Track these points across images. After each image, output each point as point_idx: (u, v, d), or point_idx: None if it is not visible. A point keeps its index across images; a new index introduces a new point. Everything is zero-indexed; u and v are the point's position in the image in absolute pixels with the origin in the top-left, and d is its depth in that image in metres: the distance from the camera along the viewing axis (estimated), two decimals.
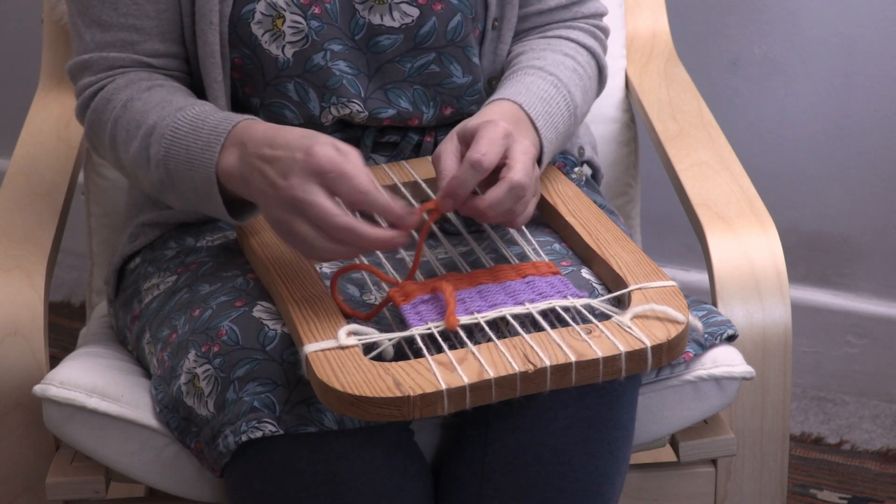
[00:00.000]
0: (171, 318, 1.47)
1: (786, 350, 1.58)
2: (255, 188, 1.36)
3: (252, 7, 1.52)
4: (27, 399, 1.51)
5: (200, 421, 1.39)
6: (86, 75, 1.55)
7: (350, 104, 1.55)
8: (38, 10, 2.01)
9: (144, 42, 1.54)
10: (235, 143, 1.39)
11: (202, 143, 1.41)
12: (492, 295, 1.36)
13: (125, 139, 1.49)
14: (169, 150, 1.44)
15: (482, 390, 1.26)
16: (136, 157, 1.48)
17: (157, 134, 1.45)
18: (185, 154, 1.42)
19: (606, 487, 1.40)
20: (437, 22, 1.55)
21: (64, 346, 2.48)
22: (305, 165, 1.32)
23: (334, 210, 1.31)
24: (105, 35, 1.53)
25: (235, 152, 1.39)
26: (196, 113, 1.44)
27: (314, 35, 1.52)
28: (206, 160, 1.41)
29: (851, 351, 2.48)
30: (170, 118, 1.45)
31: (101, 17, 1.53)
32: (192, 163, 1.42)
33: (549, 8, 1.64)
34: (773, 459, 1.60)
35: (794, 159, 2.42)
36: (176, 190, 1.45)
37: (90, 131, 1.55)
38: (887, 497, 2.23)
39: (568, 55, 1.60)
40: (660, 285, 1.37)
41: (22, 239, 1.64)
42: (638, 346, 1.29)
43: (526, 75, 1.55)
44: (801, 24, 2.34)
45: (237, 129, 1.41)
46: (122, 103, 1.50)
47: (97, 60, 1.54)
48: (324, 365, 1.28)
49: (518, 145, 1.39)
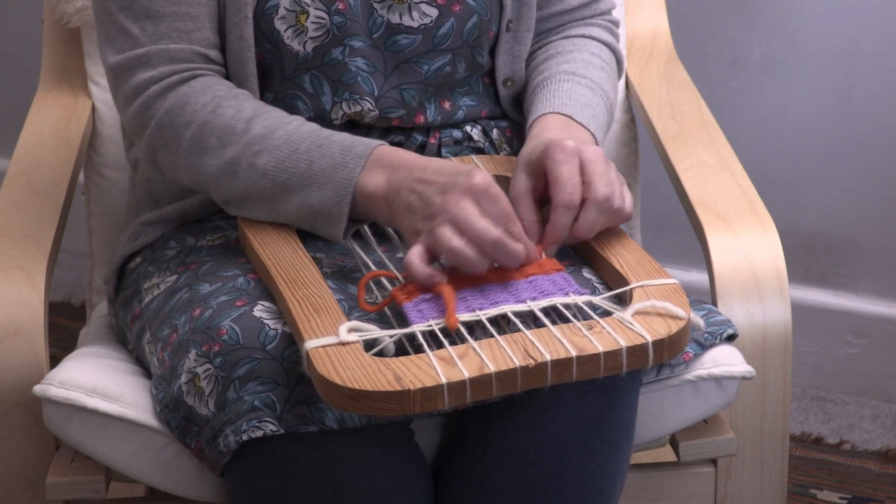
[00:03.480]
0: (171, 317, 1.47)
1: (786, 350, 1.58)
2: (403, 205, 1.40)
3: (276, 2, 1.52)
4: (27, 399, 1.50)
5: (201, 420, 1.39)
6: (143, 70, 1.50)
7: (362, 101, 1.55)
8: (38, 10, 2.01)
9: (199, 30, 1.51)
10: (382, 166, 1.43)
11: (331, 160, 1.43)
12: (494, 293, 1.36)
13: (216, 145, 1.47)
14: (283, 162, 1.44)
15: (483, 385, 1.26)
16: (228, 165, 1.46)
17: (270, 144, 1.45)
18: (307, 168, 1.44)
19: (607, 487, 1.40)
20: (455, 23, 1.55)
21: (64, 346, 2.48)
22: (466, 185, 1.37)
23: (488, 224, 1.35)
24: (158, 26, 1.50)
25: (384, 174, 1.42)
26: (311, 128, 1.46)
27: (336, 30, 1.52)
28: (343, 178, 1.43)
29: (851, 351, 2.48)
30: (281, 129, 1.45)
31: (152, 8, 1.50)
32: (317, 178, 1.43)
33: (570, 7, 1.67)
34: (773, 459, 1.60)
35: (794, 159, 2.42)
36: (280, 202, 1.45)
37: (158, 132, 1.50)
38: (887, 497, 2.23)
39: (594, 54, 1.64)
40: (661, 283, 1.38)
41: (22, 239, 1.64)
42: (639, 342, 1.30)
43: (562, 83, 1.58)
44: (801, 24, 2.35)
45: (379, 151, 1.44)
46: (211, 108, 1.48)
47: (155, 53, 1.50)
48: (324, 360, 1.28)
49: (586, 154, 1.43)
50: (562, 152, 1.43)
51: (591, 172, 1.42)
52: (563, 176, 1.42)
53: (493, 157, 1.60)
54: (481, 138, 1.62)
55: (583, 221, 1.42)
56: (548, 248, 1.43)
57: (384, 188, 1.42)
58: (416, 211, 1.39)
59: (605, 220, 1.43)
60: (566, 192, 1.41)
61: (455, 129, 1.61)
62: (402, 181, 1.41)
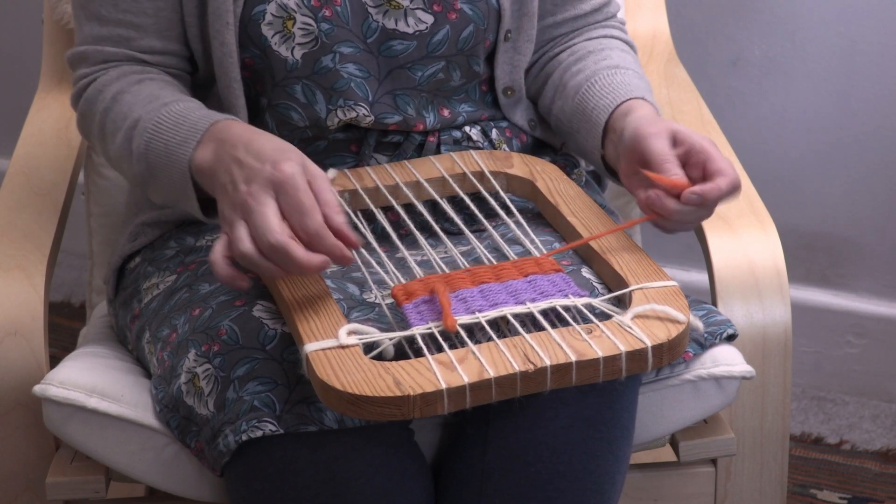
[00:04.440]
0: (170, 317, 1.47)
1: (786, 350, 1.58)
2: (219, 184, 1.37)
3: (263, 8, 1.52)
4: (27, 399, 1.50)
5: (200, 420, 1.39)
6: (82, 66, 1.57)
7: (357, 107, 1.54)
8: (38, 10, 2.01)
9: (140, 39, 1.55)
10: (212, 139, 1.41)
11: (180, 138, 1.43)
12: (493, 294, 1.36)
13: (112, 131, 1.50)
14: (149, 143, 1.45)
15: (482, 390, 1.26)
16: (120, 149, 1.49)
17: (140, 127, 1.46)
18: (164, 148, 1.44)
19: (607, 487, 1.40)
20: (450, 31, 1.55)
21: (64, 346, 2.48)
22: (269, 176, 1.33)
23: (273, 226, 1.30)
24: (102, 29, 1.55)
25: (211, 147, 1.40)
26: (180, 109, 1.45)
27: (324, 37, 1.52)
28: (182, 154, 1.42)
29: (851, 351, 2.48)
30: (154, 112, 1.46)
31: (100, 12, 1.55)
32: (170, 157, 1.43)
33: (584, 13, 1.66)
34: (773, 459, 1.60)
35: (794, 159, 2.42)
36: (156, 184, 1.46)
37: (82, 121, 1.57)
38: (887, 497, 2.23)
39: (624, 51, 1.65)
40: (661, 285, 1.37)
41: (22, 239, 1.64)
42: (638, 346, 1.29)
43: (615, 76, 1.57)
44: (801, 24, 2.34)
45: (216, 126, 1.42)
46: (113, 95, 1.51)
47: (92, 53, 1.56)
48: (324, 364, 1.28)
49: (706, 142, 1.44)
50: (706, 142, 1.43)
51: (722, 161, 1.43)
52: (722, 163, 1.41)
53: (493, 152, 1.59)
54: (480, 138, 1.62)
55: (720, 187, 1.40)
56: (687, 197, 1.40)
57: (210, 162, 1.40)
58: (226, 195, 1.36)
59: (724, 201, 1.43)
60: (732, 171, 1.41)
61: (455, 130, 1.61)
62: (223, 158, 1.38)
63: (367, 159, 1.58)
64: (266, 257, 1.31)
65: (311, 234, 1.31)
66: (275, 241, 1.30)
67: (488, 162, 1.57)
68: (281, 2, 1.52)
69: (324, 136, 1.57)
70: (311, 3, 1.52)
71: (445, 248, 1.50)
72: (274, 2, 1.52)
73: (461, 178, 1.56)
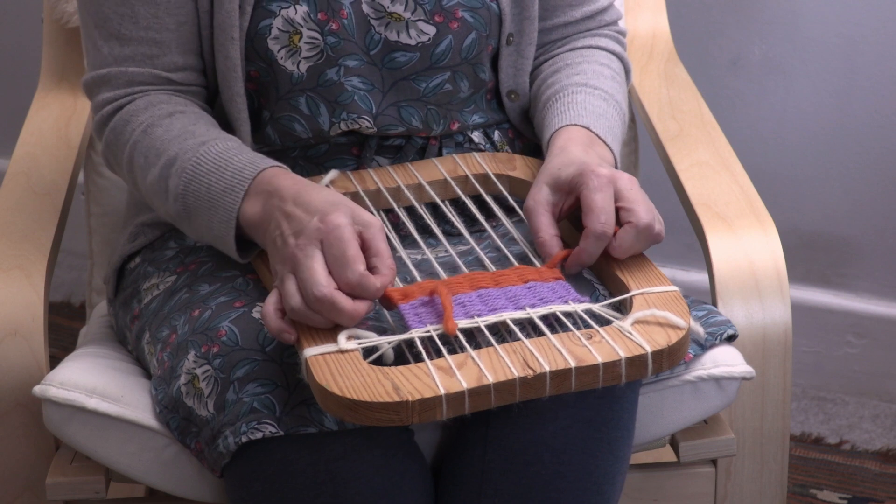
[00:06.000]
0: (170, 318, 1.47)
1: (786, 350, 1.58)
2: (269, 238, 1.37)
3: (269, 23, 1.51)
4: (27, 399, 1.50)
5: (200, 421, 1.39)
6: (104, 90, 1.54)
7: (360, 120, 1.54)
8: (38, 10, 2.01)
9: (164, 55, 1.53)
10: (260, 192, 1.40)
11: (224, 185, 1.42)
12: (493, 299, 1.36)
13: (143, 165, 1.48)
14: (189, 185, 1.43)
15: (481, 395, 1.26)
16: (153, 186, 1.47)
17: (178, 167, 1.44)
18: (206, 193, 1.42)
19: (607, 487, 1.40)
20: (453, 40, 1.55)
21: (64, 346, 2.48)
22: (317, 228, 1.32)
23: (319, 279, 1.30)
24: (124, 49, 1.52)
25: (260, 201, 1.39)
26: (219, 150, 1.44)
27: (329, 50, 1.52)
28: (228, 204, 1.41)
29: (851, 351, 2.48)
30: (192, 152, 1.44)
31: (121, 31, 1.52)
32: (213, 202, 1.42)
33: (574, 20, 1.65)
34: (773, 459, 1.60)
35: (794, 159, 2.42)
36: (191, 223, 1.45)
37: (107, 150, 1.54)
38: (887, 497, 2.23)
39: (603, 64, 1.62)
40: (661, 290, 1.37)
41: (22, 239, 1.64)
42: (638, 352, 1.29)
43: (576, 94, 1.56)
44: (801, 24, 2.34)
45: (263, 176, 1.41)
46: (143, 128, 1.49)
47: (116, 75, 1.53)
48: (323, 369, 1.28)
49: (621, 182, 1.41)
50: (596, 179, 1.40)
51: (631, 199, 1.40)
52: (597, 204, 1.39)
53: (495, 154, 1.59)
54: (482, 140, 1.62)
55: (621, 244, 1.39)
56: (569, 268, 1.41)
57: (259, 216, 1.40)
58: (276, 249, 1.36)
59: (643, 245, 1.41)
60: (600, 221, 1.38)
61: (457, 133, 1.61)
62: (272, 212, 1.38)
63: (368, 162, 1.57)
64: (313, 310, 1.31)
65: (352, 286, 1.31)
66: (320, 294, 1.29)
67: (491, 164, 1.57)
68: (287, 16, 1.51)
69: (325, 141, 1.57)
70: (317, 17, 1.52)
71: (444, 249, 1.50)
72: (280, 16, 1.51)
73: (463, 180, 1.56)
